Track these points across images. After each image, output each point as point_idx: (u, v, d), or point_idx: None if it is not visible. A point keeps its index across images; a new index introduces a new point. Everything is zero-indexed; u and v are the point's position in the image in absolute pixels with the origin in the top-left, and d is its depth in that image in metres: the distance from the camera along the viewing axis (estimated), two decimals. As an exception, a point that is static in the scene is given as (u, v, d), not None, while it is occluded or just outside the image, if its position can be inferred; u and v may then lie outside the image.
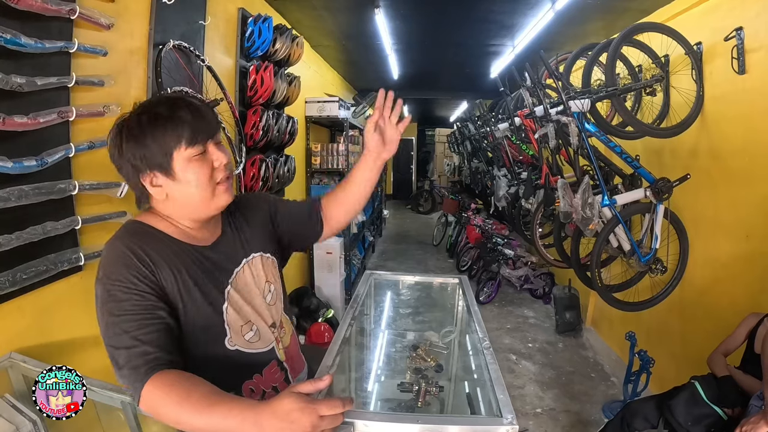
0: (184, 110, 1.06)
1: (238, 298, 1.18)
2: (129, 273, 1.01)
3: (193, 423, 0.88)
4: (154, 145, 1.04)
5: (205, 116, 1.09)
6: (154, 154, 1.05)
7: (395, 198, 15.62)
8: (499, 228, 6.68)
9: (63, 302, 1.78)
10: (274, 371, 1.24)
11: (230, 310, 1.16)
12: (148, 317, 0.99)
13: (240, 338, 1.17)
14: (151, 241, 1.08)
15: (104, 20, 1.86)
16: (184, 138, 1.04)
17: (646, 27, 3.01)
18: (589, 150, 2.88)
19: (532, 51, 4.89)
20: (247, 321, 1.19)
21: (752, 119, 2.61)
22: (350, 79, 8.07)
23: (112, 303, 0.99)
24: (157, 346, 0.97)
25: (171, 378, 0.93)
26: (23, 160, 1.53)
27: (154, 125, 1.04)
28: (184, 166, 1.06)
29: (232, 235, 1.25)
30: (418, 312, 2.58)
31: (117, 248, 1.04)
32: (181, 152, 1.05)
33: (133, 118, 1.07)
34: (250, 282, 1.24)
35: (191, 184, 1.08)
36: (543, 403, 3.54)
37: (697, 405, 2.22)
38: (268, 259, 1.32)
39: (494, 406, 1.13)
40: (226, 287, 1.17)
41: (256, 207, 1.37)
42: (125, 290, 1.00)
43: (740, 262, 2.71)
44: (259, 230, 1.32)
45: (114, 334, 0.97)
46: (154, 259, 1.05)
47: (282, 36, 3.52)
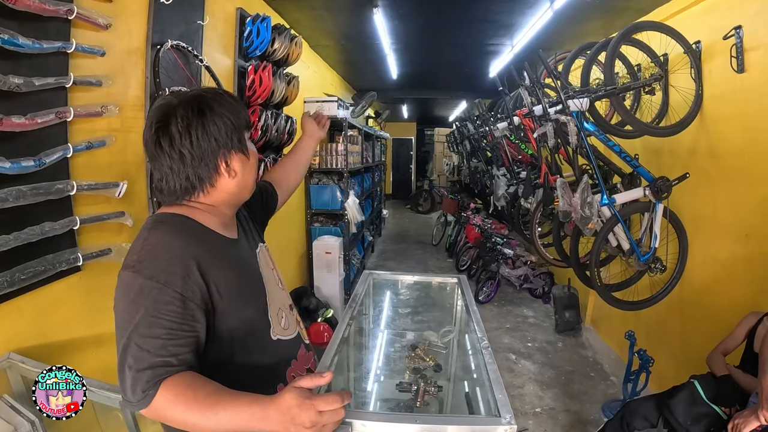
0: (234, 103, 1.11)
1: (267, 287, 1.20)
2: (178, 275, 0.97)
3: (201, 423, 0.87)
4: (239, 122, 1.09)
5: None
6: (240, 130, 1.10)
7: (394, 198, 15.64)
8: (498, 227, 6.69)
9: (61, 303, 1.78)
10: (304, 354, 1.28)
11: (269, 300, 1.18)
12: (184, 328, 0.96)
13: (279, 327, 1.19)
14: (202, 239, 1.06)
15: (102, 20, 1.86)
16: (247, 120, 1.13)
17: (645, 26, 3.01)
18: (588, 149, 2.88)
19: (530, 50, 4.89)
20: (279, 308, 1.22)
21: (751, 118, 2.61)
22: (349, 79, 8.07)
23: (149, 300, 0.93)
24: (181, 360, 0.94)
25: (179, 383, 0.91)
26: (21, 161, 1.53)
27: (233, 105, 1.09)
28: (249, 146, 1.14)
29: (243, 229, 1.28)
30: (417, 312, 2.58)
31: (167, 243, 1.00)
32: (247, 134, 1.13)
33: (205, 98, 1.07)
34: (266, 270, 1.26)
35: (252, 170, 1.16)
36: (542, 403, 3.53)
37: (697, 404, 2.22)
38: (267, 247, 1.36)
39: (493, 406, 1.13)
40: (261, 277, 1.20)
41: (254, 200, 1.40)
42: (170, 292, 0.95)
43: (739, 261, 2.71)
44: (252, 221, 1.37)
45: (142, 334, 0.92)
46: (207, 261, 1.02)
47: (280, 36, 3.51)
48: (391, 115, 10.90)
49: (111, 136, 1.95)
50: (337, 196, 5.23)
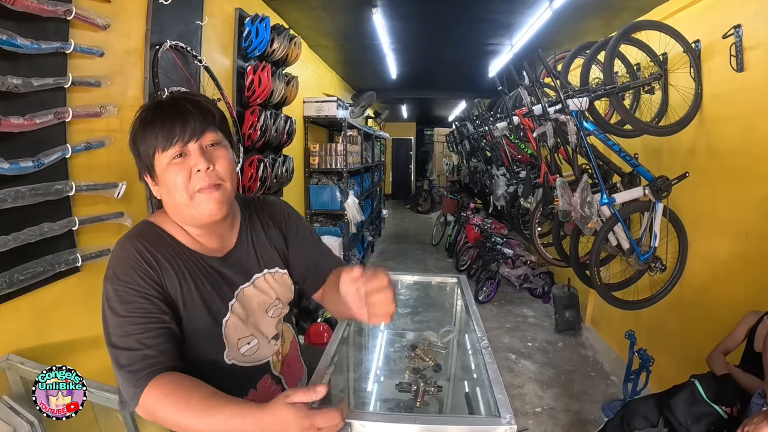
0: (167, 112, 1.03)
1: (242, 312, 1.16)
2: (137, 275, 1.00)
3: (194, 426, 0.87)
4: (142, 147, 1.04)
5: (187, 118, 1.02)
6: (142, 156, 1.05)
7: (394, 198, 15.63)
8: (498, 227, 6.68)
9: (60, 303, 1.78)
10: (269, 385, 1.22)
11: (230, 324, 1.13)
12: (153, 321, 0.98)
13: (236, 352, 1.14)
14: (160, 245, 1.07)
15: (100, 21, 1.86)
16: (158, 141, 1.02)
17: (644, 25, 3.01)
18: (587, 148, 2.88)
19: (530, 50, 4.89)
20: (248, 335, 1.17)
21: (751, 117, 2.60)
22: (348, 79, 8.07)
23: (118, 303, 0.98)
24: (159, 350, 0.96)
25: (169, 382, 0.92)
26: (20, 161, 1.53)
27: (142, 127, 1.04)
28: (163, 169, 1.04)
29: (247, 247, 1.21)
30: (417, 311, 2.58)
31: (126, 249, 1.03)
32: (159, 155, 1.03)
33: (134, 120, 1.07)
34: (258, 297, 1.20)
35: (169, 188, 1.04)
36: (543, 402, 3.53)
37: (697, 404, 2.22)
38: (280, 274, 1.27)
39: (493, 406, 1.12)
40: (231, 300, 1.14)
41: (277, 218, 1.30)
42: (132, 292, 0.99)
43: (739, 260, 2.71)
44: (274, 244, 1.27)
45: (118, 334, 0.96)
46: (161, 263, 1.04)
47: (279, 36, 3.51)
48: (390, 115, 10.90)
49: (110, 136, 1.95)
50: (336, 196, 5.22)
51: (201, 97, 1.10)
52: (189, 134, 1.02)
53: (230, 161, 1.09)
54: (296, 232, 1.31)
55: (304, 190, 5.25)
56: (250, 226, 1.23)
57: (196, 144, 1.03)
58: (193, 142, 1.02)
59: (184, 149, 1.02)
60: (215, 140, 1.07)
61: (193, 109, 1.04)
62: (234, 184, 1.10)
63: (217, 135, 1.07)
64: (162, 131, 1.01)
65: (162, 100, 1.07)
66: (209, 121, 1.06)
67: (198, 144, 1.03)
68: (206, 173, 1.03)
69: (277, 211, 1.31)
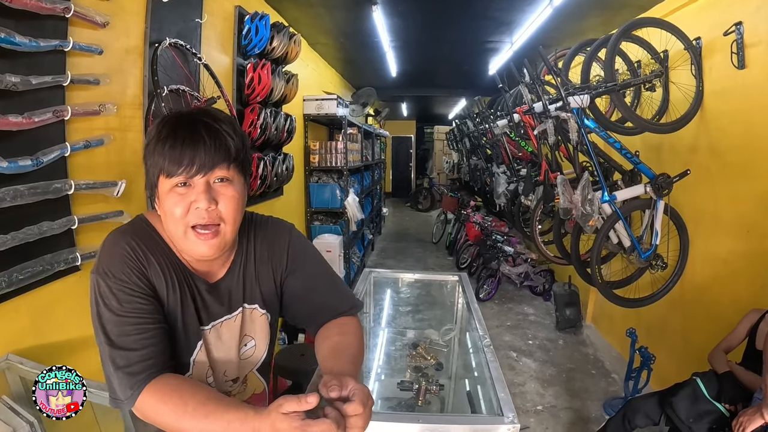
0: (180, 135, 0.96)
1: (213, 341, 1.12)
2: (133, 274, 0.98)
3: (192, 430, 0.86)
4: (150, 163, 0.99)
5: (198, 148, 0.95)
6: (148, 173, 1.01)
7: (394, 196, 15.63)
8: (498, 225, 6.68)
9: (60, 303, 1.77)
10: None
11: (202, 350, 1.10)
12: (151, 321, 0.97)
13: (202, 378, 1.12)
14: (153, 247, 1.03)
15: (99, 18, 1.85)
16: (165, 165, 0.95)
17: (645, 22, 3.00)
18: (588, 146, 2.87)
19: (530, 47, 4.88)
20: (210, 366, 1.13)
21: (752, 114, 2.60)
22: (348, 77, 8.05)
23: (115, 302, 0.95)
24: (157, 351, 0.95)
25: (167, 384, 0.91)
26: (18, 160, 1.52)
27: (154, 143, 0.97)
28: (164, 194, 0.98)
29: (237, 278, 1.14)
30: (418, 310, 2.58)
31: (119, 245, 1.00)
32: (162, 179, 0.97)
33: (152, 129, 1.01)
34: (233, 330, 1.15)
35: (166, 216, 0.99)
36: (544, 401, 3.53)
37: (699, 401, 2.21)
38: (258, 313, 1.19)
39: (495, 405, 1.12)
40: (206, 327, 1.10)
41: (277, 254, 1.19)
42: (129, 291, 0.96)
43: (741, 257, 2.70)
44: (260, 281, 1.18)
45: (116, 333, 0.94)
46: (152, 264, 1.01)
47: (279, 34, 3.50)
48: (390, 113, 10.88)
49: (109, 135, 1.94)
50: (336, 195, 5.22)
51: (223, 121, 1.01)
52: (197, 168, 0.95)
53: (237, 201, 1.02)
54: (301, 271, 1.20)
55: (305, 189, 5.24)
56: (245, 256, 1.16)
57: (202, 178, 0.96)
58: (199, 176, 0.96)
59: (189, 180, 0.96)
60: (225, 176, 0.99)
61: (207, 139, 0.96)
62: (237, 224, 1.04)
63: (229, 171, 0.99)
64: (170, 155, 0.95)
65: (181, 117, 1.00)
66: (222, 156, 0.97)
67: (205, 179, 0.97)
68: (206, 211, 0.97)
69: (280, 245, 1.20)
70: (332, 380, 0.85)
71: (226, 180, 0.99)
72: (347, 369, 0.99)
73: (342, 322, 1.18)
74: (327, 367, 1.02)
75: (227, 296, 1.13)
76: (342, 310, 1.20)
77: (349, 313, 1.21)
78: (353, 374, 0.98)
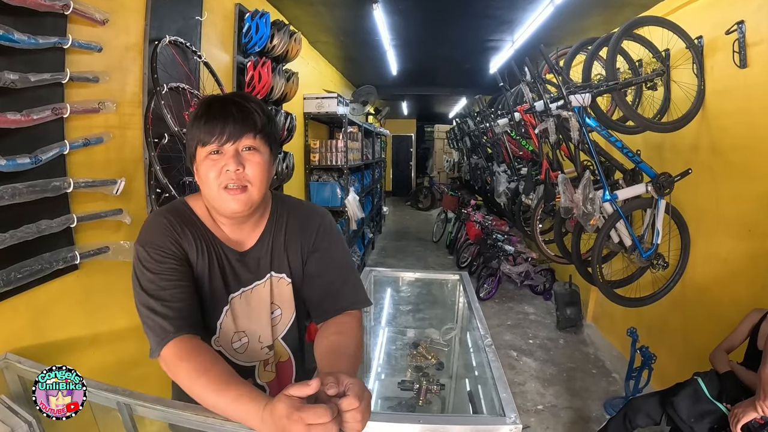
0: (213, 112, 1.11)
1: (241, 308, 1.22)
2: (167, 240, 1.12)
3: (203, 397, 0.94)
4: (189, 137, 1.15)
5: (228, 121, 1.10)
6: (188, 146, 1.16)
7: (394, 195, 15.61)
8: (499, 224, 6.67)
9: (59, 302, 1.76)
10: None
11: (228, 315, 1.21)
12: (184, 280, 1.11)
13: (227, 343, 1.21)
14: (188, 222, 1.18)
15: (99, 16, 1.83)
16: (201, 136, 1.11)
17: (647, 21, 2.99)
18: (589, 145, 2.86)
19: (531, 46, 4.87)
20: (240, 331, 1.23)
21: (754, 113, 2.59)
22: (349, 76, 8.04)
23: (152, 263, 1.09)
24: (188, 307, 1.08)
25: (192, 347, 1.02)
26: (17, 158, 1.51)
27: (192, 121, 1.14)
28: (200, 162, 1.13)
29: (266, 248, 1.26)
30: (419, 309, 2.57)
31: (158, 220, 1.16)
32: (200, 149, 1.12)
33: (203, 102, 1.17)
34: (263, 299, 1.26)
35: (203, 180, 1.13)
36: (544, 400, 3.52)
37: (700, 401, 2.21)
38: (285, 282, 1.29)
39: (497, 405, 1.11)
40: (234, 293, 1.22)
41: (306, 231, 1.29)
42: (164, 254, 1.11)
43: (742, 257, 2.69)
44: (288, 253, 1.28)
45: (153, 288, 1.07)
46: (186, 235, 1.16)
47: (279, 32, 3.49)
48: (390, 112, 10.86)
49: (108, 132, 1.93)
50: (337, 193, 5.20)
51: (251, 101, 1.16)
52: (226, 136, 1.09)
53: (262, 166, 1.14)
54: (322, 252, 1.29)
55: (305, 187, 5.23)
56: (275, 228, 1.27)
57: (232, 146, 1.10)
58: (229, 144, 1.10)
59: (220, 148, 1.10)
60: (252, 145, 1.13)
61: (236, 113, 1.11)
62: (263, 187, 1.16)
63: (255, 141, 1.13)
64: (205, 128, 1.10)
65: (215, 99, 1.16)
66: (249, 127, 1.12)
67: (234, 146, 1.11)
68: (235, 173, 1.10)
69: (310, 225, 1.31)
70: (328, 377, 0.88)
71: (253, 149, 1.13)
72: (343, 369, 1.01)
73: (341, 321, 1.22)
74: (323, 367, 1.07)
75: (256, 264, 1.25)
76: (347, 302, 1.26)
77: (353, 306, 1.26)
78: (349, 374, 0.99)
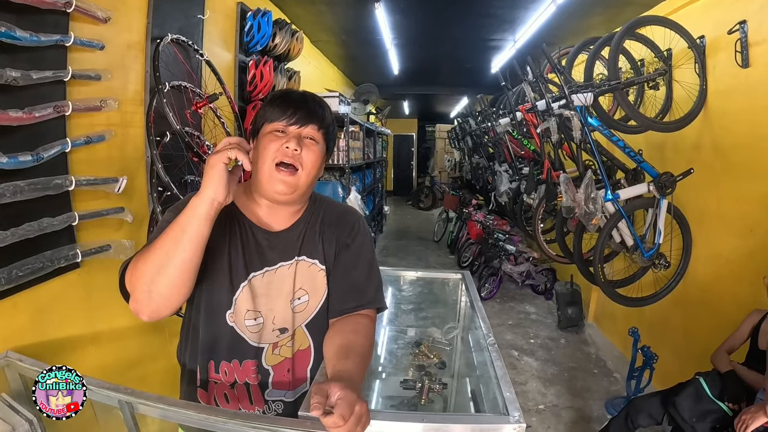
0: (289, 98, 1.21)
1: (259, 287, 1.22)
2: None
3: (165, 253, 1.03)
4: (260, 114, 1.22)
5: (301, 107, 1.18)
6: (257, 121, 1.23)
7: (396, 194, 15.59)
8: (500, 224, 6.66)
9: (60, 300, 1.76)
10: (252, 370, 1.24)
11: (245, 292, 1.21)
12: None
13: (240, 320, 1.21)
14: None
15: (101, 13, 1.83)
16: (272, 114, 1.18)
17: (649, 21, 2.99)
18: (591, 144, 2.86)
19: (533, 45, 4.87)
20: (256, 310, 1.22)
21: (756, 113, 2.58)
22: (350, 75, 8.04)
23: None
24: None
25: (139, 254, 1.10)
26: (18, 155, 1.51)
27: (266, 102, 1.24)
28: (263, 135, 1.18)
29: (299, 233, 1.28)
30: (420, 308, 2.56)
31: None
32: (266, 125, 1.19)
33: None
34: (286, 281, 1.25)
35: (260, 152, 1.16)
36: (546, 400, 3.52)
37: (702, 401, 2.21)
38: (317, 268, 1.29)
39: (500, 404, 1.11)
40: (256, 272, 1.22)
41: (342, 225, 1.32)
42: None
43: (744, 257, 2.69)
44: (323, 240, 1.30)
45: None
46: None
47: (281, 31, 3.49)
48: (392, 112, 10.87)
49: (110, 130, 1.93)
50: (338, 192, 5.19)
51: (324, 103, 1.26)
52: (295, 119, 1.17)
53: (317, 158, 1.20)
54: (354, 248, 1.31)
55: (306, 187, 5.22)
56: (311, 217, 1.30)
57: (297, 129, 1.18)
58: (295, 127, 1.18)
59: (286, 128, 1.18)
60: (313, 136, 1.20)
61: (311, 103, 1.21)
62: (312, 176, 1.21)
63: (318, 133, 1.21)
64: (277, 108, 1.19)
65: (294, 91, 1.27)
66: (317, 119, 1.20)
67: (299, 130, 1.18)
68: (293, 152, 1.15)
69: (347, 221, 1.35)
70: (316, 396, 0.84)
71: (313, 139, 1.20)
72: (350, 371, 1.00)
73: (357, 321, 1.23)
74: (332, 366, 1.05)
75: (285, 245, 1.26)
76: (367, 300, 1.28)
77: (372, 305, 1.29)
78: (355, 377, 1.00)
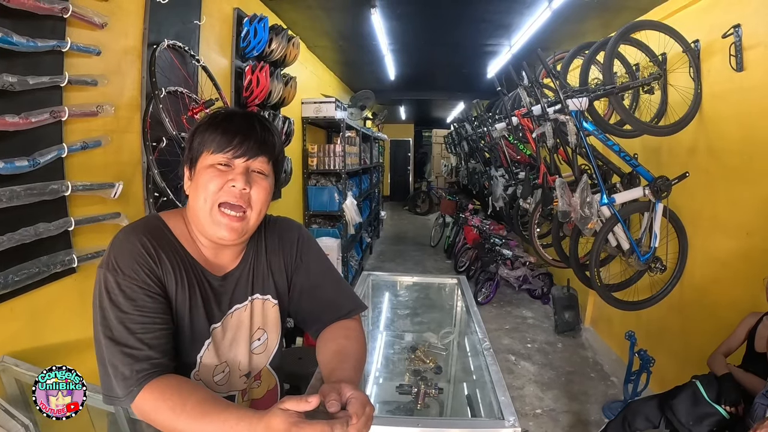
0: (235, 123, 1.04)
1: (222, 338, 1.12)
2: (143, 271, 0.98)
3: (188, 429, 0.85)
4: (197, 141, 1.05)
5: (250, 136, 1.03)
6: (193, 148, 1.05)
7: (392, 199, 15.59)
8: (496, 228, 6.67)
9: (56, 305, 1.76)
10: None
11: (210, 348, 1.10)
12: (157, 321, 0.97)
13: (208, 377, 1.11)
14: (166, 245, 1.04)
15: (98, 19, 1.84)
16: (214, 143, 1.02)
17: (644, 25, 3.00)
18: (587, 149, 2.87)
19: (529, 50, 4.89)
20: (222, 362, 1.13)
21: (750, 117, 2.60)
22: (347, 80, 8.06)
23: (122, 298, 0.95)
24: (161, 351, 0.95)
25: (168, 385, 0.91)
26: (15, 161, 1.51)
27: (206, 125, 1.05)
28: (202, 169, 1.03)
29: (248, 269, 1.17)
30: (417, 313, 2.56)
31: (132, 241, 1.00)
32: (206, 155, 1.03)
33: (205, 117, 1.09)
34: (243, 324, 1.15)
35: (199, 190, 1.03)
36: (543, 404, 3.52)
37: (699, 404, 2.20)
38: (270, 304, 1.20)
39: (495, 408, 1.11)
40: (216, 324, 1.11)
41: (286, 246, 1.23)
42: (138, 289, 0.96)
43: (740, 259, 2.70)
44: (273, 271, 1.21)
45: (120, 330, 0.93)
46: (164, 263, 1.02)
47: (278, 36, 3.50)
48: (388, 117, 10.88)
49: (107, 136, 1.93)
50: (335, 198, 5.21)
51: (272, 127, 1.10)
52: (244, 150, 1.02)
53: (267, 193, 1.08)
54: (306, 266, 1.23)
55: (303, 192, 5.23)
56: (256, 249, 1.19)
57: (244, 163, 1.03)
58: (242, 159, 1.03)
59: (231, 161, 1.02)
60: (263, 170, 1.07)
61: (260, 131, 1.05)
62: (260, 216, 1.09)
63: (267, 165, 1.07)
64: (222, 135, 1.02)
65: (238, 111, 1.11)
66: (267, 149, 1.06)
67: (246, 164, 1.03)
68: (240, 192, 1.02)
69: (288, 238, 1.23)
70: (331, 393, 0.84)
71: (263, 174, 1.06)
72: (349, 375, 0.99)
73: (347, 326, 1.18)
74: (329, 372, 1.02)
75: (237, 286, 1.14)
76: (347, 310, 1.21)
77: (354, 313, 1.22)
78: (355, 380, 0.97)
